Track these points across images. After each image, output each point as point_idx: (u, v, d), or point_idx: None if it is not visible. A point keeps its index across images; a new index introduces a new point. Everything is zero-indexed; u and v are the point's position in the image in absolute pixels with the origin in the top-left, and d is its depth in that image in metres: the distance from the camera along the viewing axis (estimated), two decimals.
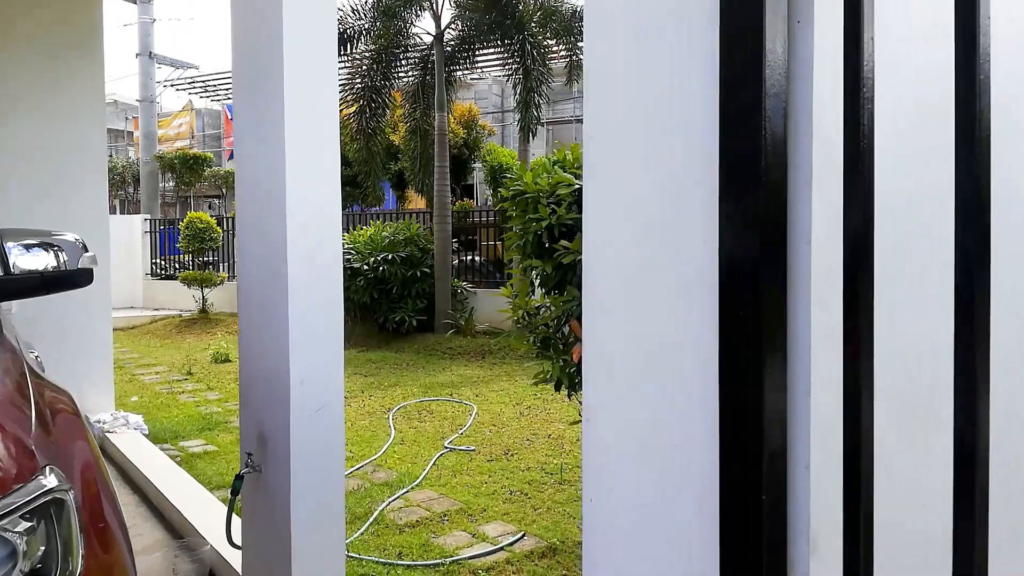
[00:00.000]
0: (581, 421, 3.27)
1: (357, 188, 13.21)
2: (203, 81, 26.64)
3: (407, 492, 4.59)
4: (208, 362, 9.60)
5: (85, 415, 3.25)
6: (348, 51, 10.95)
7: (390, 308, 10.54)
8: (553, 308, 2.71)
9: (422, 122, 11.77)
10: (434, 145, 11.11)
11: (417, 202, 16.04)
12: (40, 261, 2.29)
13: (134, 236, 15.10)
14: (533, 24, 10.43)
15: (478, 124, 13.10)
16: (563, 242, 2.76)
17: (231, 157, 29.47)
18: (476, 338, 10.24)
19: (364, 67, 11.06)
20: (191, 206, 23.81)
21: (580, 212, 2.80)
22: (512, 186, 3.01)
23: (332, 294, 2.79)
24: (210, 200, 25.82)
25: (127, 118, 33.46)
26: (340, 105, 10.13)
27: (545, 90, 10.15)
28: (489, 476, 4.91)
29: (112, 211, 26.28)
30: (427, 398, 7.28)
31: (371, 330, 10.75)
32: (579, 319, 2.39)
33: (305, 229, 2.68)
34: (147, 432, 5.66)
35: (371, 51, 11.01)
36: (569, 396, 2.83)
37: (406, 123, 12.17)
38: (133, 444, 5.18)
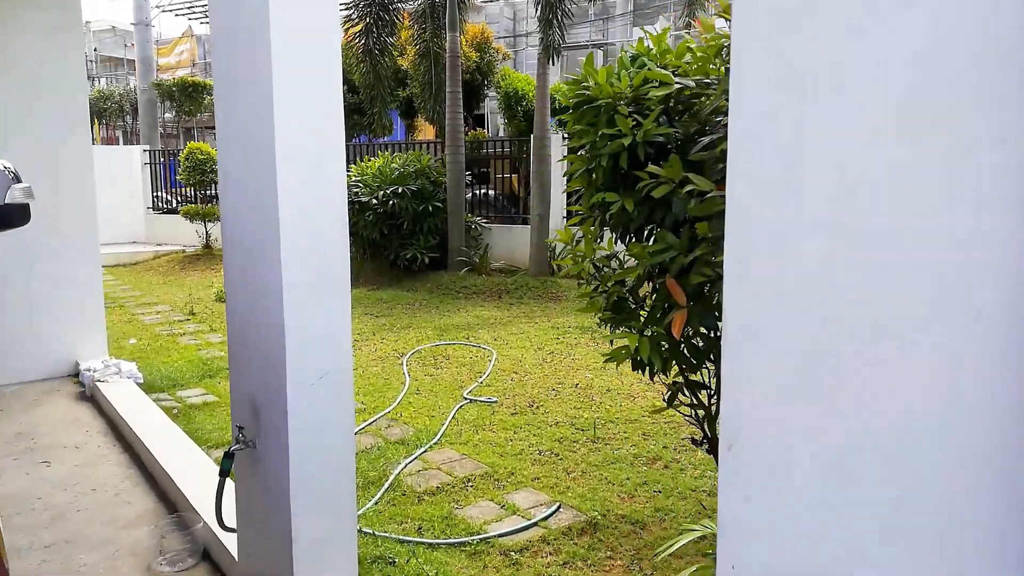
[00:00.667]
0: (611, 360, 2.54)
1: (363, 116, 12.47)
2: (202, 5, 25.44)
3: (425, 452, 4.15)
4: (211, 300, 9.15)
5: None
6: None
7: (401, 244, 10.00)
8: (635, 260, 2.00)
9: (432, 44, 10.97)
10: (445, 69, 10.34)
11: (427, 132, 15.28)
12: None
13: (134, 168, 14.50)
14: None
15: (491, 47, 12.23)
16: (651, 167, 2.03)
17: None
18: (492, 276, 9.72)
19: None
20: (195, 137, 23.05)
21: (675, 125, 2.14)
22: (575, 92, 2.34)
23: (334, 234, 2.25)
24: (215, 130, 25.04)
25: (125, 45, 32.33)
26: (344, 24, 9.26)
27: (568, 6, 9.30)
28: (514, 432, 4.47)
29: (115, 142, 25.53)
30: (443, 342, 6.82)
31: (381, 267, 10.25)
32: (677, 277, 1.81)
33: (300, 149, 2.13)
34: (142, 381, 5.23)
35: None
36: (652, 378, 2.14)
37: (415, 45, 11.35)
38: (125, 395, 4.74)
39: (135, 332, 7.46)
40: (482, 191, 11.79)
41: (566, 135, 9.88)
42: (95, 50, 35.58)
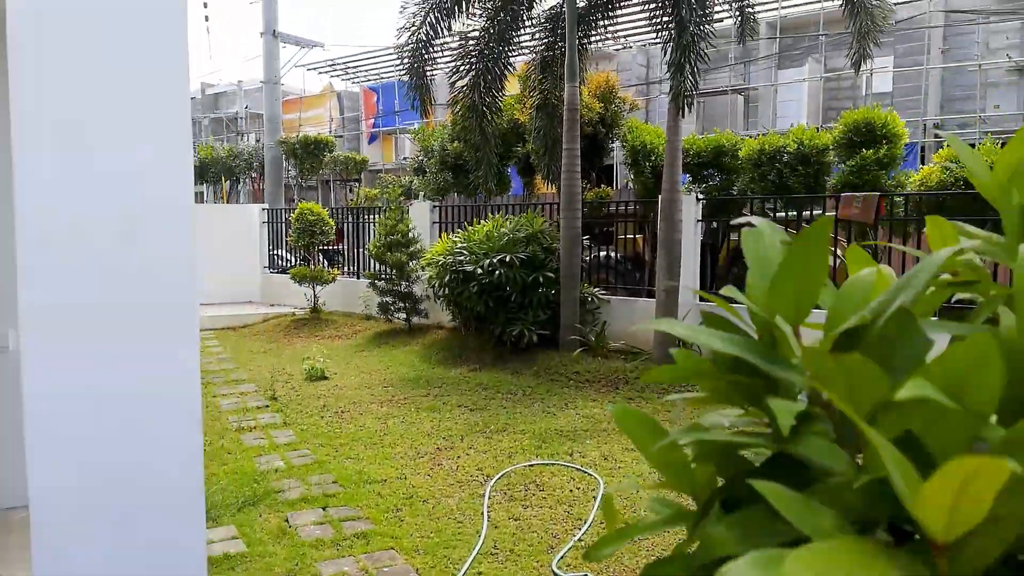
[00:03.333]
0: None
1: (472, 175, 11.62)
2: (344, 63, 26.19)
3: None
4: (300, 379, 8.41)
5: None
6: (463, 11, 9.29)
7: (507, 319, 8.88)
8: None
9: (550, 96, 9.94)
10: (563, 123, 9.26)
11: (547, 188, 14.28)
12: None
13: (252, 227, 14.44)
14: None
15: (618, 97, 11.07)
16: None
17: (371, 140, 29.14)
18: (608, 360, 8.36)
19: (478, 30, 9.37)
20: (317, 195, 23.36)
21: None
22: None
23: None
24: (350, 184, 25.31)
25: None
26: (450, 77, 8.23)
27: (704, 49, 7.97)
28: None
29: (259, 198, 26.47)
30: (539, 461, 5.54)
31: (485, 344, 9.16)
32: None
33: None
34: None
35: (486, 10, 9.29)
36: None
37: (532, 98, 10.38)
38: None
39: (205, 423, 6.72)
40: (603, 253, 10.53)
41: (700, 195, 8.37)
42: (246, 107, 37.81)
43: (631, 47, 23.39)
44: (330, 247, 13.64)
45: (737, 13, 8.83)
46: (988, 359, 0.60)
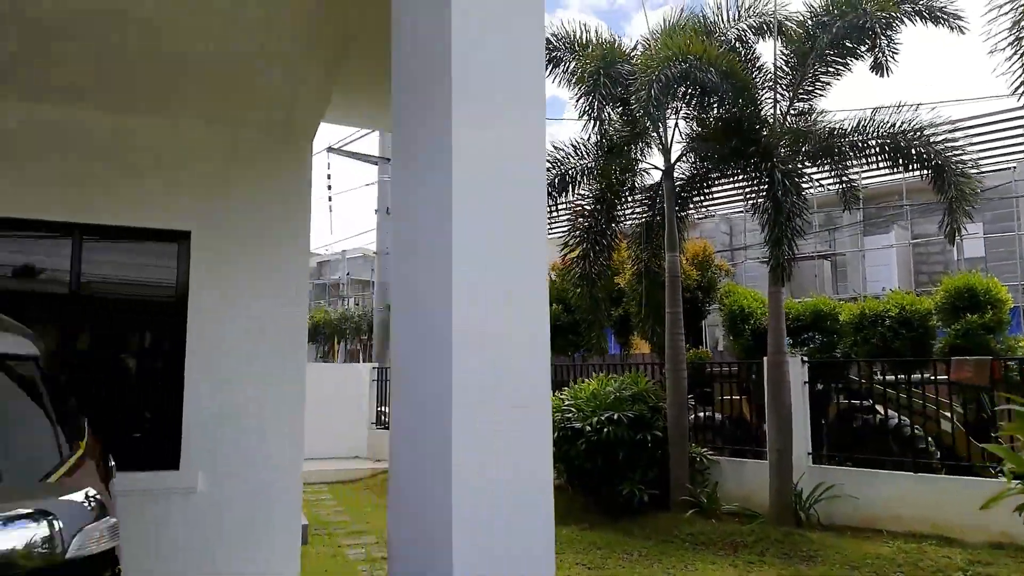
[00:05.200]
0: None
1: (578, 336, 12.24)
2: None
3: None
4: None
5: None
6: (571, 192, 10.31)
7: (616, 478, 9.04)
8: None
9: (651, 264, 10.64)
10: (664, 289, 9.87)
11: (640, 347, 14.71)
12: (14, 540, 1.29)
13: (362, 385, 15.27)
14: (781, 149, 9.10)
15: (714, 264, 11.71)
16: None
17: None
18: (723, 522, 8.33)
19: (587, 208, 10.33)
20: None
21: None
22: None
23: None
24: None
25: (372, 269, 36.57)
26: (561, 249, 9.17)
27: (800, 223, 8.59)
28: None
29: (356, 358, 27.83)
30: None
31: (593, 503, 9.27)
32: None
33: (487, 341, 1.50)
34: None
35: (594, 191, 10.29)
36: None
37: (632, 266, 11.13)
38: None
39: (337, 571, 7.05)
40: (704, 414, 10.69)
41: (805, 357, 8.62)
42: (348, 274, 40.42)
43: (714, 215, 24.49)
44: None
45: (838, 183, 9.45)
46: None
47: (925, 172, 8.73)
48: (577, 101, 9.63)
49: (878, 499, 8.05)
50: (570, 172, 10.19)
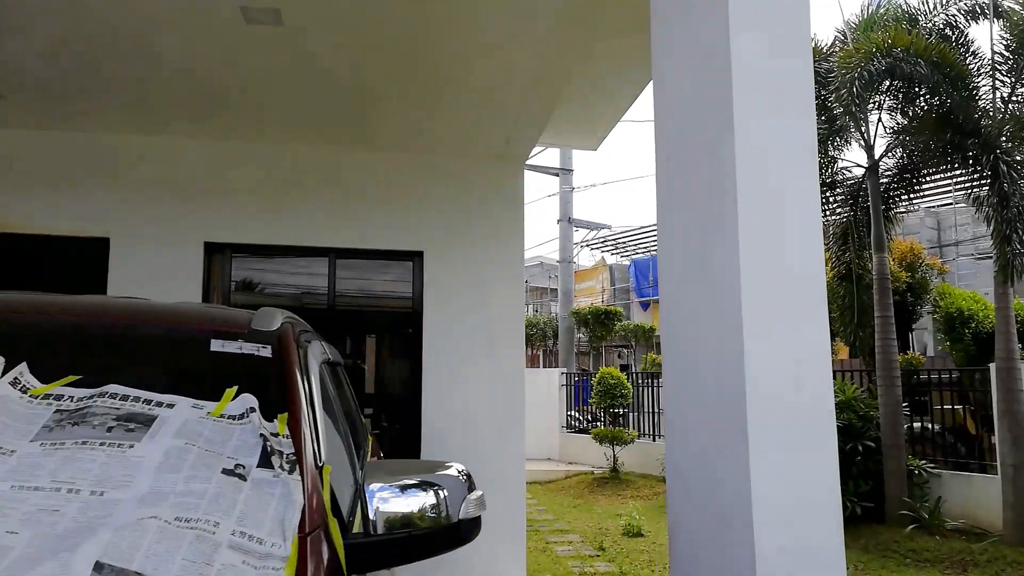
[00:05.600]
0: None
1: None
2: (613, 239, 28.51)
3: None
4: (619, 534, 8.93)
5: None
6: None
7: None
8: None
9: (854, 266, 10.17)
10: (871, 291, 9.41)
11: (839, 352, 13.96)
12: (411, 505, 1.70)
13: (552, 388, 15.83)
14: (1003, 139, 8.39)
15: (924, 263, 10.93)
16: None
17: (645, 307, 30.60)
18: (948, 539, 7.81)
19: None
20: (602, 356, 24.78)
21: None
22: None
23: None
24: (619, 350, 26.66)
25: (550, 277, 37.39)
26: None
27: None
28: None
29: (536, 363, 28.74)
30: None
31: None
32: None
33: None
34: None
35: None
36: None
37: (833, 267, 10.67)
38: None
39: (549, 565, 7.48)
40: (919, 424, 10.00)
41: None
42: (526, 281, 41.52)
43: (918, 209, 22.58)
44: (624, 409, 14.45)
45: None
46: None
47: None
48: None
49: None
50: None
